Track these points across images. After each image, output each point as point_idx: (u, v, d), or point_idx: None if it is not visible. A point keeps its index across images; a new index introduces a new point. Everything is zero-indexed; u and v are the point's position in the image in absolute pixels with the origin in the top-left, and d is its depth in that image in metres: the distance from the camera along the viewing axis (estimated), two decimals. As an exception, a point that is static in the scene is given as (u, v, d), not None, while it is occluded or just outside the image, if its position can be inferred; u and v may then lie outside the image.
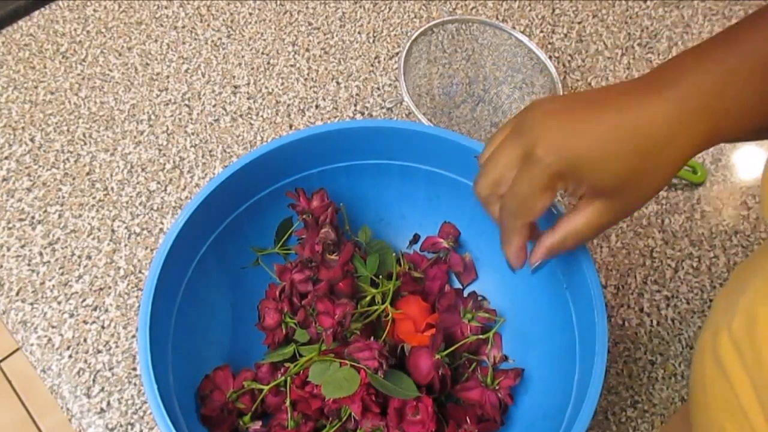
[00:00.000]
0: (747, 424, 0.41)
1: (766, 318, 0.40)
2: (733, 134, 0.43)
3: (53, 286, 0.68)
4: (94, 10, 0.88)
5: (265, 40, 0.86)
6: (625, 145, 0.40)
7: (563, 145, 0.41)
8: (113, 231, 0.71)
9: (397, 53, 0.85)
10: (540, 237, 0.47)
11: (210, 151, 0.77)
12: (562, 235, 0.45)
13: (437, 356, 0.56)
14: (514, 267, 0.48)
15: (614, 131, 0.41)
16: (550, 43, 0.86)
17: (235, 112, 0.80)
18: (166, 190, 0.74)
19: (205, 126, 0.79)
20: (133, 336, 0.66)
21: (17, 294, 0.67)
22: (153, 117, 0.79)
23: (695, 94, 0.41)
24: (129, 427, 0.61)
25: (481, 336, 0.60)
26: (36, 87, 0.81)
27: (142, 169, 0.75)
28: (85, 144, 0.77)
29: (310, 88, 0.82)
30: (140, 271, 0.69)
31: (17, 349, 1.62)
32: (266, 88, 0.82)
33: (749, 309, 0.42)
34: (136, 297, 0.68)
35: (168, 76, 0.82)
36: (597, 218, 0.44)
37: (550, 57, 0.83)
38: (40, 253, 0.70)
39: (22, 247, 0.70)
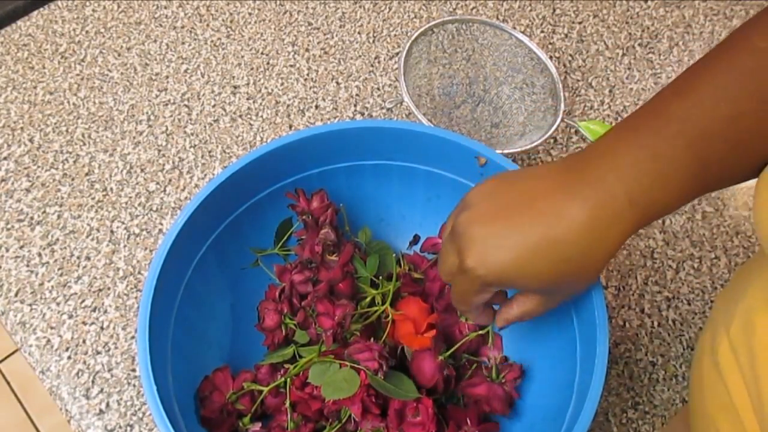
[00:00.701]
0: (741, 428, 0.41)
1: (763, 328, 0.40)
2: (663, 215, 0.43)
3: (52, 287, 0.68)
4: (93, 10, 0.87)
5: (264, 40, 0.86)
6: (549, 255, 0.41)
7: (488, 259, 0.42)
8: (112, 232, 0.71)
9: (397, 53, 0.85)
10: (501, 308, 0.50)
11: (209, 152, 0.77)
12: (516, 314, 0.48)
13: (440, 358, 0.56)
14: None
15: (536, 242, 0.41)
16: (550, 44, 0.86)
17: (234, 113, 0.80)
18: (165, 190, 0.74)
19: (205, 126, 0.78)
20: (133, 337, 0.65)
21: (16, 295, 0.67)
22: (152, 117, 0.79)
23: (618, 192, 0.41)
24: (128, 428, 0.61)
25: (480, 332, 0.59)
26: (35, 87, 0.81)
27: (142, 170, 0.75)
28: (84, 144, 0.77)
29: (310, 88, 0.82)
30: (139, 272, 0.69)
31: (16, 350, 1.62)
32: (266, 88, 0.82)
33: (747, 316, 0.42)
34: (135, 298, 0.67)
35: (167, 77, 0.82)
36: (537, 306, 0.47)
37: (550, 57, 0.82)
38: (39, 254, 0.69)
39: (21, 247, 0.70)
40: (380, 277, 0.61)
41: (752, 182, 0.78)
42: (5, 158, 0.75)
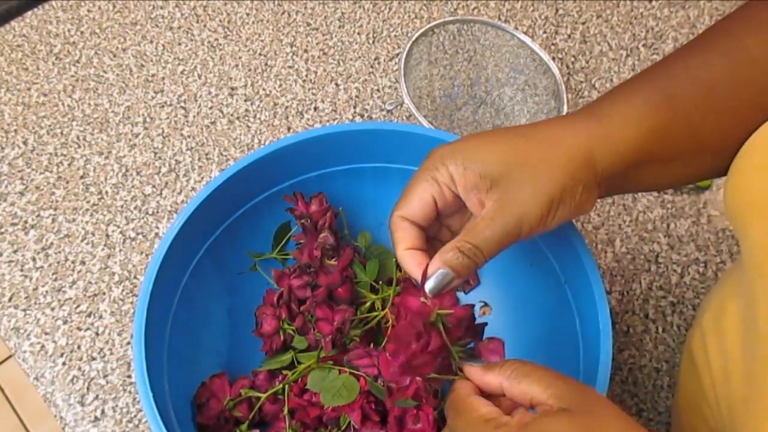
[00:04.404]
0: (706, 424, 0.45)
1: (732, 311, 0.43)
2: (608, 160, 0.43)
3: (46, 291, 0.67)
4: (88, 11, 0.86)
5: (262, 41, 0.85)
6: (510, 132, 0.43)
7: (455, 144, 0.44)
8: (108, 236, 0.70)
9: (398, 54, 0.84)
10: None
11: (206, 154, 0.76)
12: (462, 240, 0.42)
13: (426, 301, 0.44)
14: (420, 282, 0.43)
15: (503, 132, 0.44)
16: (553, 44, 0.85)
17: (232, 115, 0.79)
18: (161, 193, 0.73)
19: (202, 128, 0.78)
20: (128, 343, 0.65)
21: (10, 300, 0.66)
22: (148, 119, 0.78)
23: (583, 112, 0.44)
24: (123, 436, 0.60)
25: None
26: (29, 89, 0.80)
27: (137, 173, 0.74)
28: (79, 147, 0.76)
29: (309, 89, 0.81)
30: (135, 277, 0.68)
31: (10, 356, 1.61)
32: (264, 89, 0.81)
33: (719, 304, 0.45)
34: (131, 303, 0.67)
35: (163, 78, 0.81)
36: (494, 215, 0.42)
37: (553, 58, 0.82)
38: (33, 258, 0.69)
39: (15, 252, 0.69)
40: (380, 282, 0.60)
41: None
42: (-1, 161, 0.74)
